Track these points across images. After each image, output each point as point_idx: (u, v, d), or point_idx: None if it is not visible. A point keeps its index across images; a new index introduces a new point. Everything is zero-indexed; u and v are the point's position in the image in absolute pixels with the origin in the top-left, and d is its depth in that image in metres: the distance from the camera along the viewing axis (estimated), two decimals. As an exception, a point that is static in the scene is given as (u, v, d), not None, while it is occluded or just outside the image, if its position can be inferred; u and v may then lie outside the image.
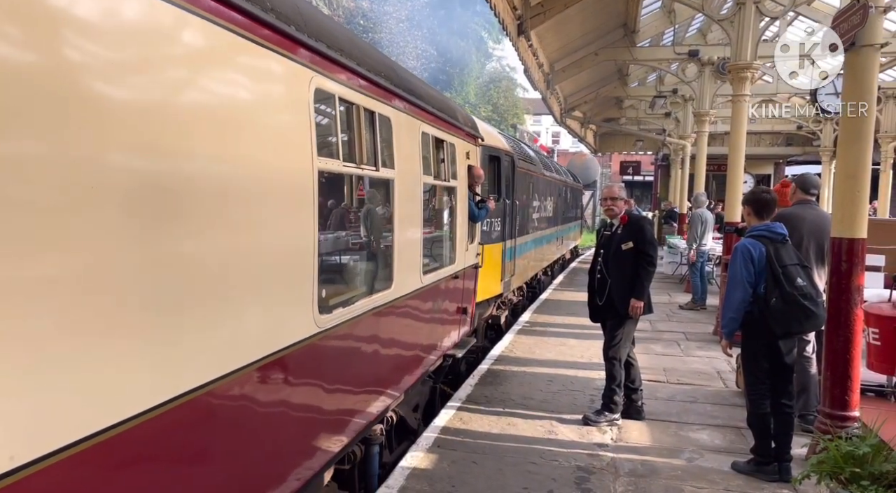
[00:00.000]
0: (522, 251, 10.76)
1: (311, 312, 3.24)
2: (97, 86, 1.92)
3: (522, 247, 10.75)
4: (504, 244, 9.03)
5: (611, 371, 5.43)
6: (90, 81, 1.89)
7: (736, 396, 6.26)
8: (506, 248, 9.15)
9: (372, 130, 4.01)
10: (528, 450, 4.86)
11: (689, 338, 8.97)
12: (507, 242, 9.27)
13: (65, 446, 1.80)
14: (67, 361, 1.81)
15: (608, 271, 5.42)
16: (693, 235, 11.52)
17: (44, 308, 1.74)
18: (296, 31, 2.97)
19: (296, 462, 3.26)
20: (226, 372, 2.54)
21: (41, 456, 1.73)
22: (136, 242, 2.06)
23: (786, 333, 4.34)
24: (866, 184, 4.53)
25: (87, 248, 1.87)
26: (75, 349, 1.84)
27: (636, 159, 31.93)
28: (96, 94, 1.91)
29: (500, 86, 40.04)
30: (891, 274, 5.79)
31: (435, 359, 5.94)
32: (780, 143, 22.83)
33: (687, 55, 13.24)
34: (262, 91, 2.84)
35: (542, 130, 56.98)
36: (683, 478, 4.45)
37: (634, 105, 21.06)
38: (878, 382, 5.16)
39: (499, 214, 8.67)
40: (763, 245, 4.37)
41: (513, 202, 9.60)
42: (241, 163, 2.65)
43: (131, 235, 2.04)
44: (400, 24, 28.55)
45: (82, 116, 1.84)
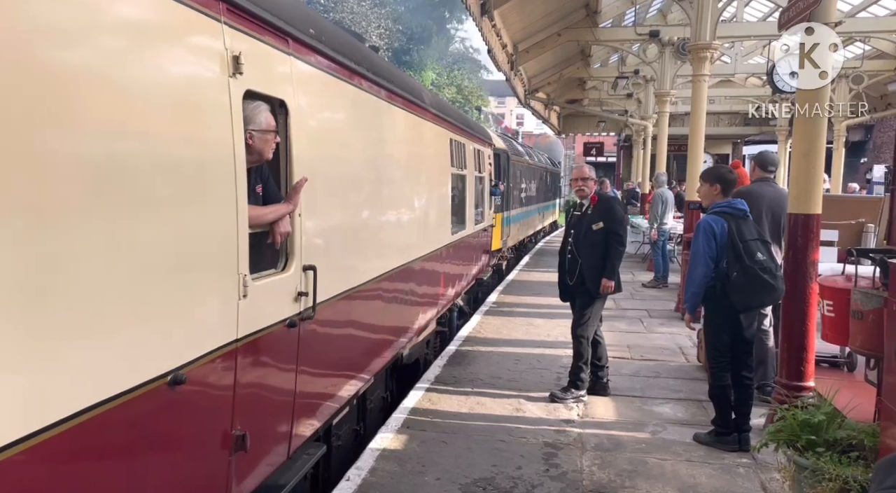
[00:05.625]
0: (514, 220, 15.04)
1: (448, 230, 7.44)
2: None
3: (515, 217, 15.08)
4: (503, 215, 12.83)
5: (578, 349, 5.51)
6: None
7: (697, 370, 6.43)
8: (504, 217, 13.05)
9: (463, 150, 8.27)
10: (497, 428, 4.92)
11: (651, 315, 9.15)
12: (504, 213, 13.17)
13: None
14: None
15: (578, 252, 5.48)
16: (654, 215, 11.70)
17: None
18: (444, 115, 6.92)
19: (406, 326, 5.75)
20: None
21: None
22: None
23: (747, 306, 4.46)
24: (821, 161, 4.65)
25: None
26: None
27: (599, 140, 32.17)
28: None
29: (464, 67, 39.81)
30: (844, 249, 5.97)
31: (477, 273, 9.98)
32: (738, 122, 23.27)
33: (648, 36, 13.32)
34: (436, 144, 6.88)
35: (506, 112, 57.05)
36: (648, 451, 4.56)
37: (597, 86, 21.17)
38: (833, 353, 5.33)
39: (499, 194, 12.03)
40: (725, 221, 4.46)
41: (508, 185, 13.47)
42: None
43: None
44: (362, 4, 28.08)
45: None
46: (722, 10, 9.07)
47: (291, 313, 3.20)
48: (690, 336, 7.49)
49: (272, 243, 3.08)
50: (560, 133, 28.21)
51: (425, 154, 6.43)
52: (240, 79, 2.70)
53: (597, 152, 31.66)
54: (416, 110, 5.91)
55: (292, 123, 3.22)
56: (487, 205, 10.21)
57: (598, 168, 39.00)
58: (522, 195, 16.87)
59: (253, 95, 2.87)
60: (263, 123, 2.92)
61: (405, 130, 5.65)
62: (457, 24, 36.53)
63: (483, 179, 9.87)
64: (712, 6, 8.81)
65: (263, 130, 2.92)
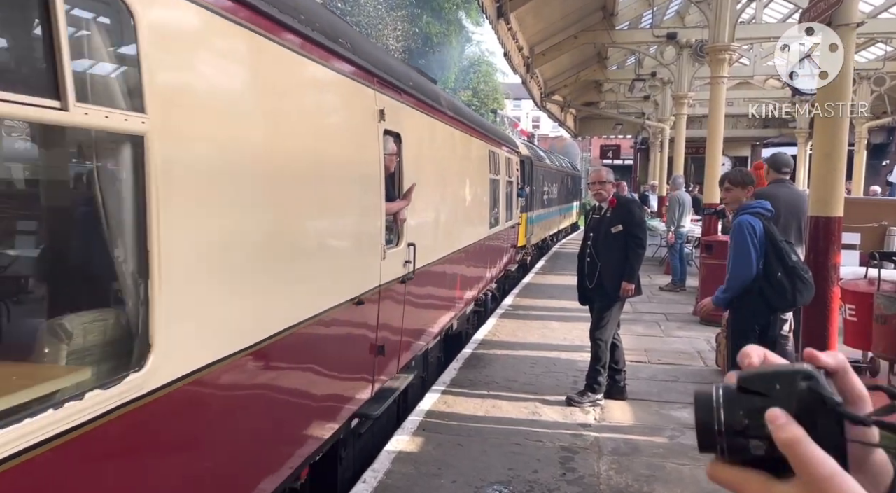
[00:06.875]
0: (537, 220, 16.34)
1: (487, 225, 8.79)
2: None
3: (537, 218, 16.35)
4: (527, 215, 14.19)
5: (596, 352, 5.48)
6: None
7: (716, 374, 6.36)
8: (528, 217, 14.34)
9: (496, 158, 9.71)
10: (513, 431, 4.90)
11: (669, 319, 9.08)
12: (528, 213, 14.47)
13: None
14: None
15: (598, 255, 5.45)
16: (672, 218, 11.61)
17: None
18: (484, 130, 8.16)
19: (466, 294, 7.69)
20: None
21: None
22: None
23: (784, 307, 4.39)
24: (842, 164, 4.60)
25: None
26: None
27: (616, 143, 32.05)
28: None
29: (479, 70, 39.81)
30: (866, 252, 5.89)
31: (506, 263, 11.33)
32: (756, 125, 23.04)
33: (665, 38, 13.25)
34: (479, 155, 8.56)
35: (521, 115, 56.93)
36: (665, 455, 4.51)
37: (614, 88, 21.07)
38: (854, 358, 5.27)
39: (525, 195, 13.67)
40: (760, 221, 4.40)
41: (531, 189, 14.83)
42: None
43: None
44: (378, 8, 28.20)
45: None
46: (741, 12, 9.00)
47: (403, 273, 4.87)
48: (709, 340, 7.42)
49: (385, 227, 4.50)
50: (576, 136, 28.10)
51: (473, 164, 8.18)
52: (382, 123, 4.28)
53: (613, 155, 31.53)
54: (468, 130, 7.68)
55: (403, 149, 4.87)
56: (515, 205, 11.86)
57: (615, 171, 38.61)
58: (545, 197, 18.18)
59: (386, 132, 4.42)
60: (391, 150, 4.63)
61: (461, 146, 7.40)
62: (473, 26, 36.46)
63: (511, 183, 11.40)
64: (731, 7, 8.75)
65: (391, 154, 4.62)
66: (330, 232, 3.71)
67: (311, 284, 3.37)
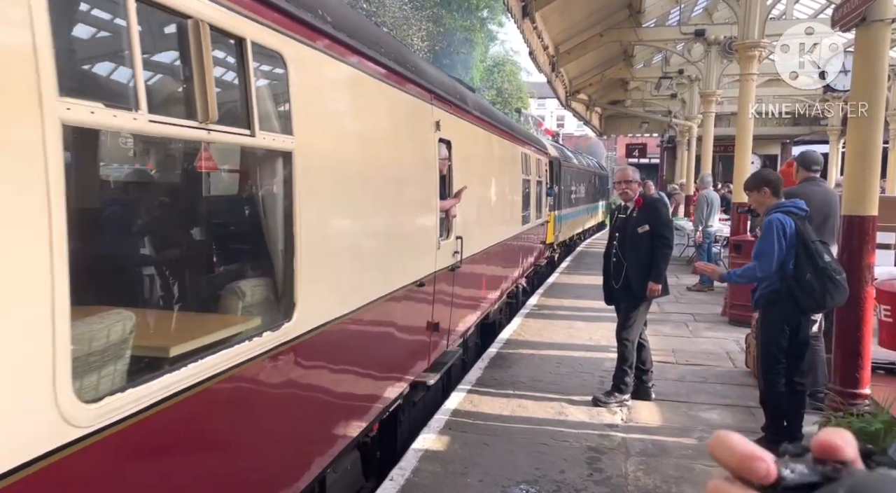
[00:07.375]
0: (565, 218, 16.76)
1: (520, 222, 9.47)
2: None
3: (565, 216, 16.80)
4: (554, 213, 14.61)
5: (623, 352, 5.45)
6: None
7: (745, 376, 6.28)
8: (556, 216, 14.83)
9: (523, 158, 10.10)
10: (539, 431, 4.90)
11: (697, 319, 8.97)
12: (556, 212, 14.88)
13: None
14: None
15: (624, 255, 5.41)
16: (699, 217, 11.47)
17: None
18: (518, 134, 8.91)
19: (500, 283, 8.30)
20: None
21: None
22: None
23: (815, 308, 4.32)
24: (877, 162, 4.50)
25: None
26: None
27: (642, 142, 31.74)
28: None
29: (504, 69, 39.74)
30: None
31: (536, 258, 11.89)
32: (786, 122, 22.63)
33: (693, 35, 13.09)
34: (514, 157, 9.31)
35: (546, 114, 56.71)
36: (694, 457, 4.47)
37: (640, 87, 20.89)
38: (890, 359, 5.16)
39: (553, 194, 14.30)
40: (792, 220, 4.33)
41: (559, 188, 15.21)
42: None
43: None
44: (403, 8, 28.30)
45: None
46: (771, 8, 8.87)
47: (453, 262, 5.63)
48: (738, 341, 7.32)
49: (439, 222, 5.24)
50: (601, 134, 27.90)
51: (508, 166, 8.78)
52: (437, 133, 5.06)
53: (639, 154, 31.22)
54: (503, 134, 8.32)
55: (454, 153, 5.61)
56: (544, 204, 12.65)
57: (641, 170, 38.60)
58: (572, 197, 18.71)
59: (440, 140, 5.16)
60: (444, 155, 5.36)
61: (500, 150, 8.16)
62: (497, 26, 36.40)
63: (541, 182, 12.11)
64: (760, 4, 8.62)
65: (444, 158, 5.35)
66: (403, 224, 4.55)
67: (389, 266, 4.19)
